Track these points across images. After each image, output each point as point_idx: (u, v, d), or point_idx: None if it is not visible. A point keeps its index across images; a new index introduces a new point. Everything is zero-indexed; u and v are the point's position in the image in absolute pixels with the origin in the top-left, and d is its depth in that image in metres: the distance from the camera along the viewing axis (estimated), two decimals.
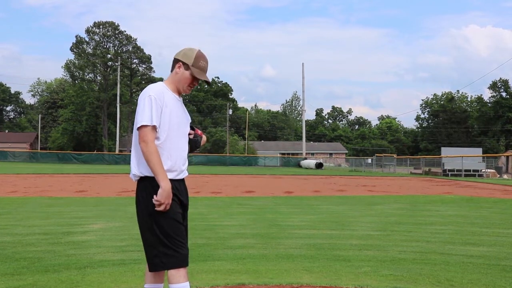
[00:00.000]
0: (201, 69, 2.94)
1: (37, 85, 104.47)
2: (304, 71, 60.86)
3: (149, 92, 2.80)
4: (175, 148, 2.86)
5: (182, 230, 2.82)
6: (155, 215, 2.75)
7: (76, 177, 24.33)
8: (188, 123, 3.05)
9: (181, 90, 2.95)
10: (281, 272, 4.54)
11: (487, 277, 4.41)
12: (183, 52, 2.96)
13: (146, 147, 2.72)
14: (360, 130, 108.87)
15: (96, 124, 78.60)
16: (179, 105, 2.95)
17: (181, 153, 2.90)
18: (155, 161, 2.71)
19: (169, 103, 2.85)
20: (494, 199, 13.97)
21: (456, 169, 36.17)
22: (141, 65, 79.11)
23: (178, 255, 2.74)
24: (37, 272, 4.44)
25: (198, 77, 2.92)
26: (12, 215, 8.66)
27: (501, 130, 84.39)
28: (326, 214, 9.39)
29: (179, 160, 2.88)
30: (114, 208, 10.02)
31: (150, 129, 2.74)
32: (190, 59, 2.91)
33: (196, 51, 2.95)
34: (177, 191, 2.85)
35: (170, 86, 2.94)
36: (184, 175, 2.96)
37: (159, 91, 2.82)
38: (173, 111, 2.86)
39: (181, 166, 2.90)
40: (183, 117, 2.96)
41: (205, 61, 2.97)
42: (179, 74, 2.92)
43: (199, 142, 3.14)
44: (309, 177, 29.49)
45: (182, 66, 2.92)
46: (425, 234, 6.94)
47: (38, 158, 54.17)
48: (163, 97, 2.82)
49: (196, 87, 3.15)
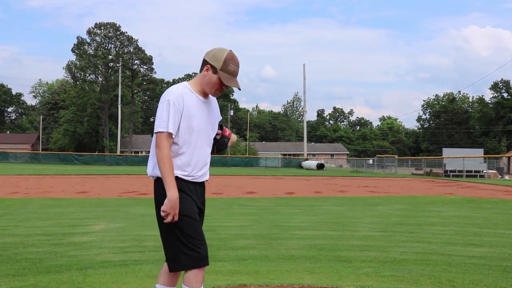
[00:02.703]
0: (230, 74, 2.74)
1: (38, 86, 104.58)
2: (305, 71, 60.91)
3: (168, 96, 2.70)
4: (195, 152, 2.77)
5: (200, 229, 2.75)
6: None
7: (78, 178, 24.34)
8: (214, 126, 2.91)
9: (208, 93, 2.81)
10: (283, 273, 4.54)
11: (488, 278, 4.40)
12: (213, 53, 2.76)
13: (159, 153, 2.66)
14: (361, 131, 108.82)
15: (97, 125, 78.66)
16: (203, 108, 2.80)
17: (201, 158, 2.81)
18: (165, 168, 2.64)
19: (191, 106, 2.73)
20: (495, 200, 13.95)
21: (457, 170, 36.15)
22: (142, 66, 79.24)
23: (196, 255, 2.68)
24: (39, 273, 4.44)
25: (226, 83, 2.74)
26: (13, 216, 8.66)
27: (503, 130, 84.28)
28: (327, 215, 9.39)
29: (198, 165, 2.79)
30: (115, 209, 10.02)
31: (166, 135, 2.66)
32: (219, 62, 2.72)
33: (226, 52, 2.74)
34: (192, 193, 2.78)
35: (195, 87, 2.80)
36: (203, 179, 2.86)
37: (178, 95, 2.70)
38: (195, 115, 2.74)
39: (200, 171, 2.81)
40: (206, 120, 2.82)
41: (236, 64, 2.76)
42: (206, 78, 2.76)
43: (225, 143, 3.01)
44: (311, 178, 29.47)
45: (210, 69, 2.74)
46: (426, 235, 6.93)
47: (40, 159, 54.17)
48: (183, 100, 2.70)
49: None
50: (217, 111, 2.96)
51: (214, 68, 2.72)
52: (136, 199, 12.91)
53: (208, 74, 2.74)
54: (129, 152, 70.88)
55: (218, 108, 3.00)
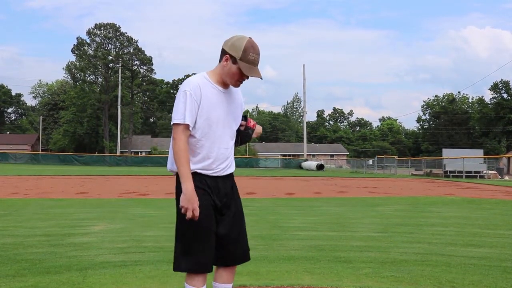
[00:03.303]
0: (250, 63, 2.61)
1: (38, 87, 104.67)
2: (305, 72, 60.93)
3: (185, 87, 2.61)
4: (215, 145, 2.67)
5: (204, 235, 2.61)
6: (180, 213, 2.62)
7: (77, 178, 24.34)
8: (237, 117, 2.81)
9: (228, 84, 2.70)
10: (282, 273, 4.53)
11: (488, 278, 4.40)
12: (231, 42, 2.64)
13: (174, 145, 2.59)
14: (361, 132, 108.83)
15: (97, 126, 78.64)
16: (223, 98, 2.70)
17: (222, 150, 2.70)
18: (180, 161, 2.56)
19: (209, 97, 2.63)
20: (495, 200, 13.95)
21: (457, 171, 36.17)
22: (142, 67, 79.24)
23: (191, 260, 2.59)
24: (38, 273, 4.44)
25: (247, 73, 2.62)
26: (13, 216, 8.66)
27: (502, 131, 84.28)
28: (327, 216, 9.38)
29: (219, 158, 2.69)
30: (115, 210, 10.02)
31: (182, 127, 2.58)
32: (238, 51, 2.59)
33: (245, 41, 2.62)
34: (211, 190, 2.66)
35: (214, 77, 2.69)
36: (226, 172, 2.74)
37: (195, 86, 2.61)
38: (214, 106, 2.65)
39: (221, 164, 2.70)
40: (227, 111, 2.71)
41: (256, 52, 2.63)
42: (226, 68, 2.64)
43: (250, 134, 2.89)
44: (310, 179, 29.47)
45: (229, 59, 2.63)
46: (426, 235, 6.93)
47: (39, 160, 54.19)
48: (200, 91, 2.61)
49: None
50: (240, 101, 2.85)
51: (234, 58, 2.61)
52: (136, 199, 12.91)
53: (228, 64, 2.63)
54: (129, 153, 70.86)
55: (241, 98, 2.88)
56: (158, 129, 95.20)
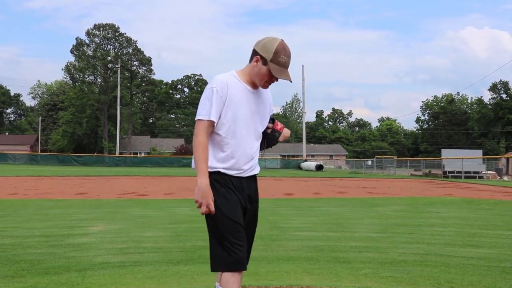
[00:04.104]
0: (281, 66, 2.60)
1: (37, 87, 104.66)
2: (304, 73, 60.93)
3: (213, 83, 2.61)
4: (240, 145, 2.64)
5: (238, 230, 2.59)
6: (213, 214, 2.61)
7: (77, 179, 24.33)
8: (264, 118, 2.78)
9: (257, 84, 2.68)
10: (281, 274, 4.54)
11: (487, 279, 4.41)
12: (263, 43, 2.64)
13: (195, 140, 2.59)
14: (360, 132, 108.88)
15: (96, 126, 78.63)
16: (251, 98, 2.68)
17: (246, 150, 2.66)
18: (198, 154, 2.55)
19: (236, 96, 2.62)
20: (494, 201, 13.96)
21: (456, 171, 36.15)
22: (141, 67, 79.26)
23: (230, 258, 2.55)
24: (37, 274, 4.44)
25: (276, 76, 2.61)
26: (12, 217, 8.66)
27: (501, 131, 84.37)
28: (326, 216, 9.39)
29: (242, 158, 2.65)
30: (114, 210, 10.02)
31: (205, 123, 2.57)
32: (269, 53, 2.59)
33: (277, 43, 2.62)
34: (236, 189, 2.65)
35: (243, 77, 2.68)
36: (250, 173, 2.71)
37: (223, 83, 2.60)
38: (241, 105, 2.63)
39: (245, 164, 2.67)
40: (254, 111, 2.68)
41: (287, 55, 2.62)
42: (256, 69, 2.63)
43: (276, 137, 2.85)
44: (310, 179, 29.48)
45: (260, 60, 2.61)
46: (425, 236, 6.93)
47: (38, 161, 54.13)
48: (227, 89, 2.59)
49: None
50: (268, 103, 2.83)
51: (264, 59, 2.60)
52: (135, 200, 12.91)
53: (258, 65, 2.62)
54: (128, 154, 70.82)
55: (270, 100, 2.86)
56: (157, 130, 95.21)
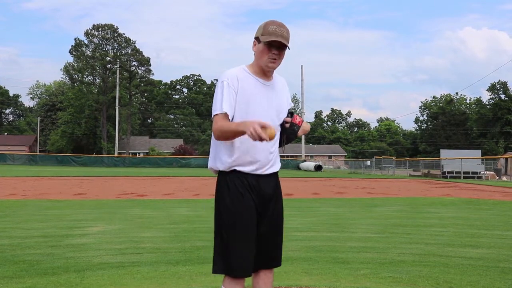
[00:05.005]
0: (270, 33, 2.53)
1: (36, 88, 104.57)
2: (303, 73, 60.92)
3: (223, 77, 2.56)
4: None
5: (243, 236, 2.51)
6: (218, 212, 2.57)
7: (75, 179, 24.30)
8: (280, 112, 2.69)
9: (264, 67, 2.59)
10: (280, 274, 4.53)
11: (486, 279, 4.41)
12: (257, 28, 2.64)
13: (215, 129, 2.49)
14: (359, 133, 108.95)
15: (95, 127, 78.60)
16: (263, 91, 2.61)
17: (262, 146, 2.54)
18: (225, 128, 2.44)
19: (247, 89, 2.56)
20: (493, 201, 13.97)
21: (455, 171, 36.19)
22: (140, 68, 79.24)
23: (227, 262, 2.50)
24: (36, 275, 4.43)
25: (265, 40, 2.52)
26: (11, 218, 8.65)
27: (500, 132, 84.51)
28: (325, 217, 9.39)
29: (259, 154, 2.57)
30: (113, 211, 10.00)
31: (221, 116, 2.48)
32: (260, 30, 2.58)
33: (267, 21, 2.60)
34: (251, 189, 2.56)
35: (252, 68, 2.63)
36: (269, 171, 2.62)
37: (232, 76, 2.55)
38: (253, 98, 2.56)
39: (261, 160, 2.58)
40: (268, 104, 2.60)
41: (277, 25, 2.55)
42: (257, 52, 2.60)
43: (295, 132, 2.70)
44: (309, 180, 29.47)
45: (255, 41, 2.61)
46: (424, 236, 6.94)
47: (37, 161, 54.06)
48: (237, 82, 2.54)
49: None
50: (285, 96, 2.75)
51: (258, 39, 2.59)
52: (134, 200, 12.90)
53: (256, 47, 2.61)
54: (127, 154, 70.77)
55: (286, 92, 2.78)
56: (156, 130, 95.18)
